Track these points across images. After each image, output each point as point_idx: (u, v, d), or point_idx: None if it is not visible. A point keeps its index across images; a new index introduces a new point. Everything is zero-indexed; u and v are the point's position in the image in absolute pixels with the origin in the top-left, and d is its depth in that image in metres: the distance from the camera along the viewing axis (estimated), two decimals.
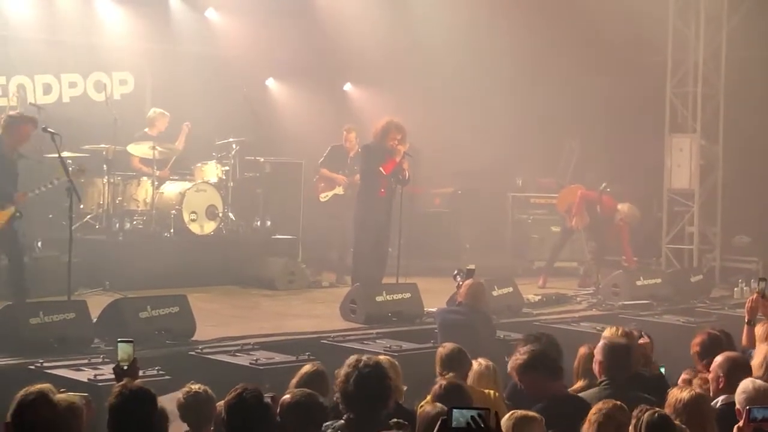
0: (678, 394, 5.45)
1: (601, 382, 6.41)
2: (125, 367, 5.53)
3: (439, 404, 5.55)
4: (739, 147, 15.62)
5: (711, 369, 6.39)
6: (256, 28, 15.21)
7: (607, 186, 14.30)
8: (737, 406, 5.50)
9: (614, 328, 7.24)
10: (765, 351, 6.90)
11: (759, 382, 5.80)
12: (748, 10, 15.39)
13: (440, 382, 6.12)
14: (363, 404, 5.45)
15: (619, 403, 5.29)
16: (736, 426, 4.96)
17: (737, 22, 15.44)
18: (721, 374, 6.27)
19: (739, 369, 6.34)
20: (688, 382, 6.50)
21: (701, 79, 15.55)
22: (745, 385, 5.72)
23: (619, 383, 6.31)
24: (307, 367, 6.46)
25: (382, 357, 6.10)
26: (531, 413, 5.33)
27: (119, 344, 5.63)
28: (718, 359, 6.44)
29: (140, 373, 5.80)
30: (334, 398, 5.70)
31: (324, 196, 14.00)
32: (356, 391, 5.45)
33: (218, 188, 13.34)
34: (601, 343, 6.65)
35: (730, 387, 6.09)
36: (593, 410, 5.21)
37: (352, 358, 5.66)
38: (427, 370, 7.52)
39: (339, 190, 13.94)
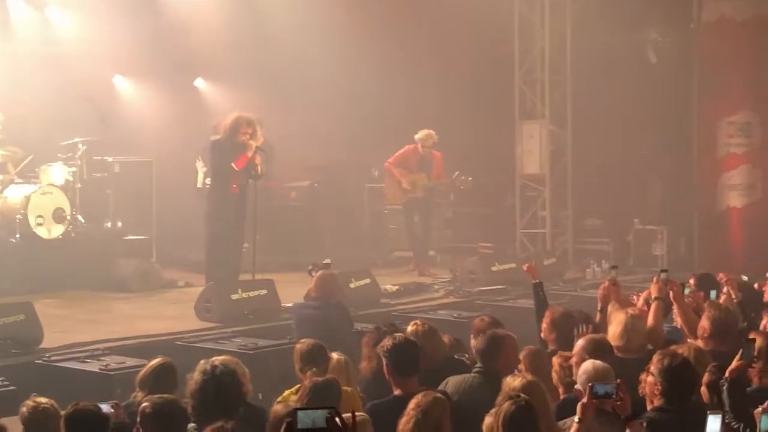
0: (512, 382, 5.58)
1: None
2: None
3: (291, 404, 5.50)
4: (588, 131, 15.97)
5: (575, 352, 6.49)
6: (101, 26, 14.83)
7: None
8: (578, 386, 5.61)
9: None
10: (622, 319, 7.07)
11: (599, 362, 5.95)
12: None
13: (313, 379, 6.07)
14: (218, 410, 5.35)
15: (438, 395, 5.34)
16: (579, 403, 5.06)
17: (581, 7, 15.76)
18: (586, 356, 6.36)
19: (602, 349, 6.47)
20: None
21: (548, 65, 15.84)
22: (587, 366, 5.86)
23: None
24: (156, 361, 6.40)
25: (223, 357, 5.99)
26: None
27: None
28: (581, 343, 6.55)
29: None
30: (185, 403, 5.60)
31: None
32: (210, 401, 5.42)
33: (65, 190, 12.97)
34: None
35: None
36: (412, 405, 5.24)
37: (202, 364, 5.65)
38: (284, 366, 7.46)
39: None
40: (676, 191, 16.33)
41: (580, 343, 6.56)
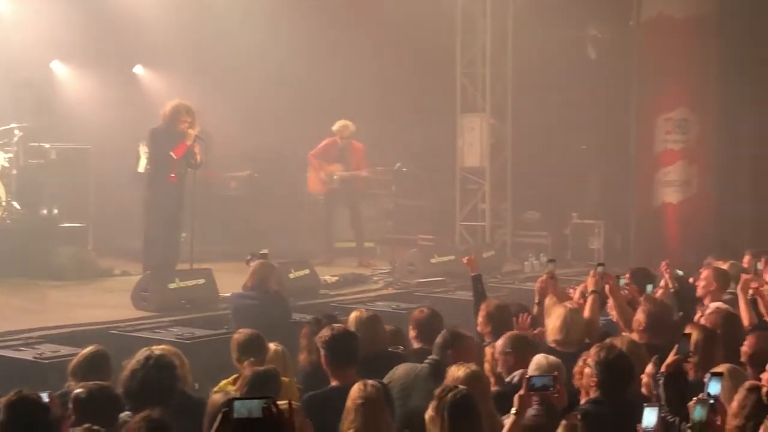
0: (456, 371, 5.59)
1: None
2: None
3: (229, 393, 5.49)
4: (528, 125, 16.07)
5: (498, 351, 6.52)
6: (39, 10, 14.58)
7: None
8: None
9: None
10: (561, 313, 7.12)
11: (551, 357, 6.00)
12: None
13: (254, 369, 6.06)
14: (146, 399, 5.33)
15: (376, 384, 5.36)
16: (517, 395, 5.09)
17: (523, 3, 15.84)
18: (510, 350, 6.41)
19: (526, 344, 6.52)
20: None
21: (489, 59, 15.90)
22: (540, 361, 5.89)
23: None
24: (88, 349, 6.36)
25: (163, 347, 5.95)
26: None
27: None
28: (502, 340, 6.59)
29: None
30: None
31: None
32: (142, 390, 5.41)
33: (1, 176, 12.79)
34: None
35: (524, 363, 6.24)
36: (355, 399, 5.26)
37: (141, 353, 5.63)
38: (221, 357, 7.42)
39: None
40: (614, 186, 16.51)
41: (501, 341, 6.60)
